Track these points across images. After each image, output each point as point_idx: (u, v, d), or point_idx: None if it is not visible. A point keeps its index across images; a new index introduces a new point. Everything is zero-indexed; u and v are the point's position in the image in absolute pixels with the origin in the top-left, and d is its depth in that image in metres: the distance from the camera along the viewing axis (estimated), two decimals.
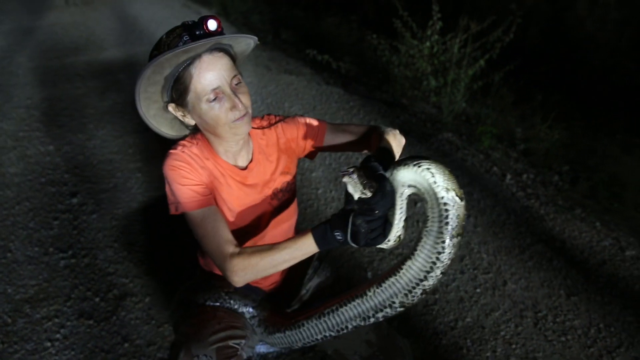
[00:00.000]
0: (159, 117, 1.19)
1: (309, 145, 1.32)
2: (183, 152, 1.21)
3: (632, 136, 3.13)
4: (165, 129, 1.22)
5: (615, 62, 4.09)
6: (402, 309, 1.01)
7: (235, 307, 1.30)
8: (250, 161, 1.27)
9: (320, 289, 1.52)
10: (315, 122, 1.31)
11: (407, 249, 2.10)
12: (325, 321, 1.12)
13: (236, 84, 1.10)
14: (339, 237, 0.96)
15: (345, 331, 1.12)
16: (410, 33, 3.52)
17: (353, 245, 0.96)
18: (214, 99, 1.07)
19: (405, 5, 3.53)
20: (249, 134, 1.25)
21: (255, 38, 1.13)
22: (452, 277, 1.99)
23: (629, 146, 2.99)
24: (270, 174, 1.30)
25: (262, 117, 1.32)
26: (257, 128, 1.30)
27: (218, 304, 1.31)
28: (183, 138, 1.21)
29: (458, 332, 1.76)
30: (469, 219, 2.34)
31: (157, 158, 2.89)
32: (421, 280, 0.95)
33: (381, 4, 5.83)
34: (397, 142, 1.13)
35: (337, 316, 1.09)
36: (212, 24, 1.03)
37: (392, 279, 0.99)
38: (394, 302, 1.00)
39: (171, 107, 1.13)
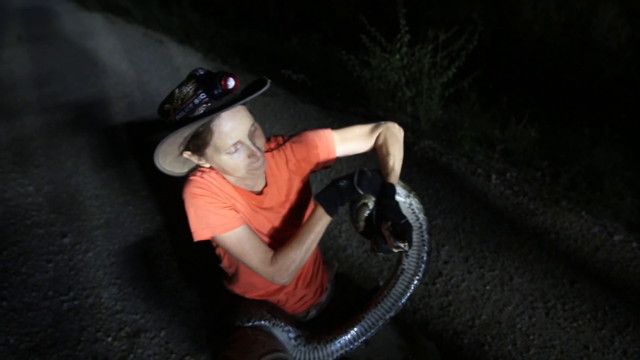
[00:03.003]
0: (174, 163, 1.19)
1: (321, 160, 1.35)
2: (203, 177, 1.20)
3: (597, 128, 3.33)
4: (179, 170, 1.22)
5: (564, 61, 4.35)
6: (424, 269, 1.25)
7: (281, 325, 1.29)
8: (265, 185, 1.28)
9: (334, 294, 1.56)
10: (323, 137, 1.32)
11: None
12: (361, 325, 1.29)
13: (253, 131, 1.11)
14: (342, 184, 1.10)
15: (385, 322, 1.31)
16: (379, 47, 3.63)
17: (359, 190, 1.09)
18: (235, 151, 1.08)
19: (370, 20, 3.65)
20: None
21: (269, 82, 1.12)
22: (461, 278, 2.05)
23: (595, 137, 3.18)
24: (285, 195, 1.31)
25: (269, 139, 1.33)
26: (267, 151, 1.30)
27: (257, 321, 1.28)
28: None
29: (477, 330, 1.81)
30: (466, 220, 2.42)
31: (147, 189, 2.84)
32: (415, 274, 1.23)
33: (340, 22, 5.99)
34: (399, 144, 1.28)
35: (368, 319, 1.29)
36: (231, 83, 1.02)
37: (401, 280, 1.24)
38: (420, 267, 1.24)
39: (186, 155, 1.13)
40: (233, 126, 1.06)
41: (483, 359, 1.70)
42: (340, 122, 3.59)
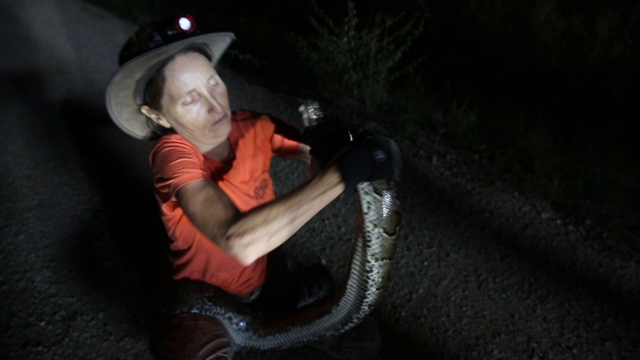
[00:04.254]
0: (132, 120, 1.14)
1: (285, 145, 1.33)
2: (169, 138, 1.12)
3: (531, 114, 3.52)
4: (139, 132, 1.18)
5: (505, 52, 4.54)
6: (361, 319, 1.09)
7: (221, 312, 1.26)
8: (233, 159, 1.24)
9: (285, 278, 1.56)
10: (289, 125, 1.32)
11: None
12: (308, 328, 1.20)
13: (213, 85, 1.07)
14: (380, 158, 0.81)
15: (325, 338, 1.22)
16: (327, 30, 3.64)
17: (395, 170, 0.84)
18: (190, 102, 1.03)
19: (318, 2, 3.64)
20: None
21: (232, 34, 1.10)
22: (400, 255, 2.13)
23: (530, 123, 3.37)
24: (250, 172, 1.28)
25: (235, 112, 1.29)
26: (232, 121, 1.25)
27: (198, 311, 1.24)
28: (158, 137, 1.16)
29: (414, 303, 1.89)
30: (406, 200, 2.51)
31: (84, 169, 2.71)
32: (363, 298, 1.00)
33: (290, 2, 5.92)
34: None
35: (314, 326, 1.18)
36: (184, 23, 0.99)
37: (344, 299, 1.05)
38: (352, 318, 1.08)
39: (145, 110, 1.09)
40: (188, 72, 1.01)
41: (419, 330, 1.78)
42: (287, 104, 3.58)
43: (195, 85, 1.03)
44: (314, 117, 0.95)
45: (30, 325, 1.78)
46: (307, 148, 1.32)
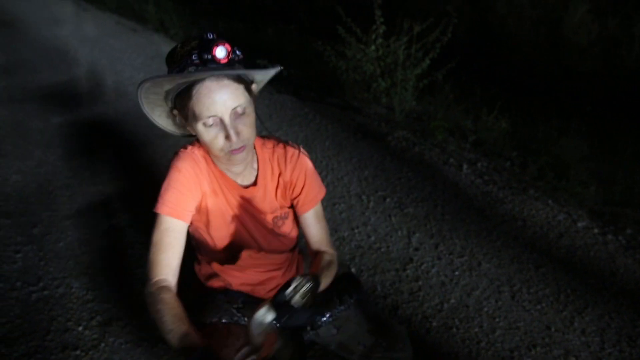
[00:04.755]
0: (165, 118, 1.18)
1: (298, 203, 1.30)
2: (193, 153, 1.19)
3: (564, 120, 3.43)
4: (172, 128, 1.21)
5: (537, 56, 4.45)
6: None
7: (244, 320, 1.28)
8: (253, 184, 1.25)
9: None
10: (314, 191, 1.28)
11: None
12: None
13: (240, 114, 1.05)
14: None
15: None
16: (354, 38, 3.65)
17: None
18: (211, 124, 1.04)
19: (346, 11, 3.67)
20: (256, 153, 1.24)
21: (278, 68, 1.08)
22: (431, 264, 2.10)
23: (564, 129, 3.29)
24: (269, 202, 1.28)
25: (277, 142, 1.27)
26: (268, 150, 1.25)
27: (227, 321, 1.27)
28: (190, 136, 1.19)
29: (445, 314, 1.86)
30: (437, 208, 2.47)
31: (119, 179, 2.80)
32: None
33: (318, 12, 5.98)
34: (324, 283, 1.17)
35: None
36: (220, 53, 0.98)
37: None
38: None
39: (175, 112, 1.12)
40: (214, 98, 1.01)
41: (451, 341, 1.75)
42: (315, 112, 3.60)
43: (217, 111, 1.02)
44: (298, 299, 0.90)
45: (68, 329, 1.84)
46: (311, 229, 1.31)
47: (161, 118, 1.18)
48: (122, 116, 3.69)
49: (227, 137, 1.05)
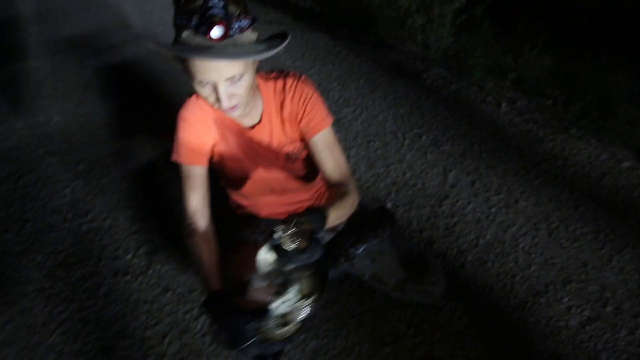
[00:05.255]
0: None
1: (303, 131, 1.28)
2: (198, 101, 1.24)
3: (614, 57, 3.23)
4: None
5: None
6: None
7: None
8: (258, 122, 1.25)
9: (351, 220, 1.59)
10: (320, 118, 1.24)
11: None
12: None
13: (237, 80, 1.03)
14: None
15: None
16: None
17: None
18: (206, 84, 1.03)
19: None
20: (260, 91, 1.22)
21: (280, 47, 1.01)
22: (467, 201, 2.09)
23: (612, 67, 3.10)
24: (277, 138, 1.28)
25: (280, 75, 1.24)
26: (270, 85, 1.23)
27: (256, 241, 1.37)
28: None
29: (481, 249, 1.88)
30: (473, 146, 2.43)
31: (155, 117, 2.85)
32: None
33: None
34: (336, 215, 1.10)
35: None
36: (215, 32, 0.93)
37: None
38: None
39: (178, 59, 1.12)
40: (209, 64, 0.99)
41: (485, 275, 1.77)
42: (349, 51, 3.51)
43: (210, 78, 1.01)
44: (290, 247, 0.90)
45: (118, 257, 1.96)
46: (321, 157, 1.26)
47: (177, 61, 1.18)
48: (153, 56, 3.69)
49: (217, 100, 1.05)
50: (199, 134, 1.24)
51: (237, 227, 1.46)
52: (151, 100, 3.06)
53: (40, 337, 1.67)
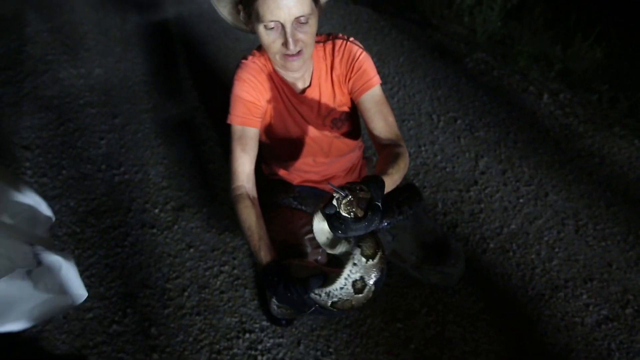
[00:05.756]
0: (229, 10, 1.19)
1: (352, 90, 1.28)
2: (253, 62, 1.25)
3: None
4: (234, 22, 1.23)
5: None
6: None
7: (308, 210, 1.38)
8: (308, 86, 1.26)
9: None
10: (367, 77, 1.23)
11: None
12: None
13: (303, 22, 1.05)
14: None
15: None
16: None
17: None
18: (272, 28, 1.05)
19: None
20: (311, 56, 1.22)
21: None
22: (495, 189, 2.06)
23: None
24: (324, 103, 1.29)
25: (329, 38, 1.25)
26: (320, 49, 1.24)
27: (291, 205, 1.40)
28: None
29: (504, 237, 1.85)
30: (509, 135, 2.37)
31: (193, 79, 2.89)
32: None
33: None
34: (391, 181, 1.04)
35: None
36: None
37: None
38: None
39: (240, 7, 1.13)
40: (279, 2, 1.01)
41: (505, 264, 1.76)
42: (392, 27, 3.43)
43: (280, 17, 1.02)
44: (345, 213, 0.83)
45: (146, 210, 2.02)
46: (369, 115, 1.23)
47: (225, 9, 1.19)
48: (195, 18, 3.71)
49: (285, 43, 1.06)
50: (254, 94, 1.23)
51: (269, 192, 1.48)
52: (189, 61, 3.10)
53: None
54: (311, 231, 0.96)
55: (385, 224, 1.50)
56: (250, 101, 1.23)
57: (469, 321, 1.58)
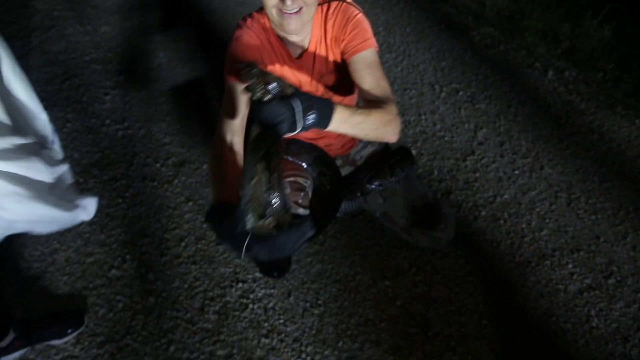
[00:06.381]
0: None
1: (343, 52, 1.25)
2: (252, 24, 1.23)
3: None
4: None
5: None
6: None
7: (292, 158, 1.39)
8: (305, 50, 1.25)
9: (372, 156, 1.62)
10: (360, 39, 1.19)
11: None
12: None
13: None
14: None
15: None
16: None
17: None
18: None
19: None
20: (312, 19, 1.20)
21: None
22: (492, 160, 2.09)
23: None
24: (318, 69, 1.28)
25: (324, 0, 1.22)
26: (318, 13, 1.21)
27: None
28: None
29: (496, 206, 1.89)
30: (510, 109, 2.38)
31: (198, 39, 2.89)
32: None
33: None
34: (354, 121, 0.99)
35: None
36: None
37: None
38: None
39: None
40: None
41: (495, 231, 1.80)
42: None
43: None
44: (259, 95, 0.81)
45: (148, 164, 2.07)
46: (359, 75, 1.18)
47: None
48: None
49: (282, 0, 1.04)
50: (249, 54, 1.22)
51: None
52: (196, 21, 3.09)
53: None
54: (291, 174, 0.98)
55: (376, 184, 1.53)
56: (243, 59, 1.22)
57: (456, 283, 1.63)
